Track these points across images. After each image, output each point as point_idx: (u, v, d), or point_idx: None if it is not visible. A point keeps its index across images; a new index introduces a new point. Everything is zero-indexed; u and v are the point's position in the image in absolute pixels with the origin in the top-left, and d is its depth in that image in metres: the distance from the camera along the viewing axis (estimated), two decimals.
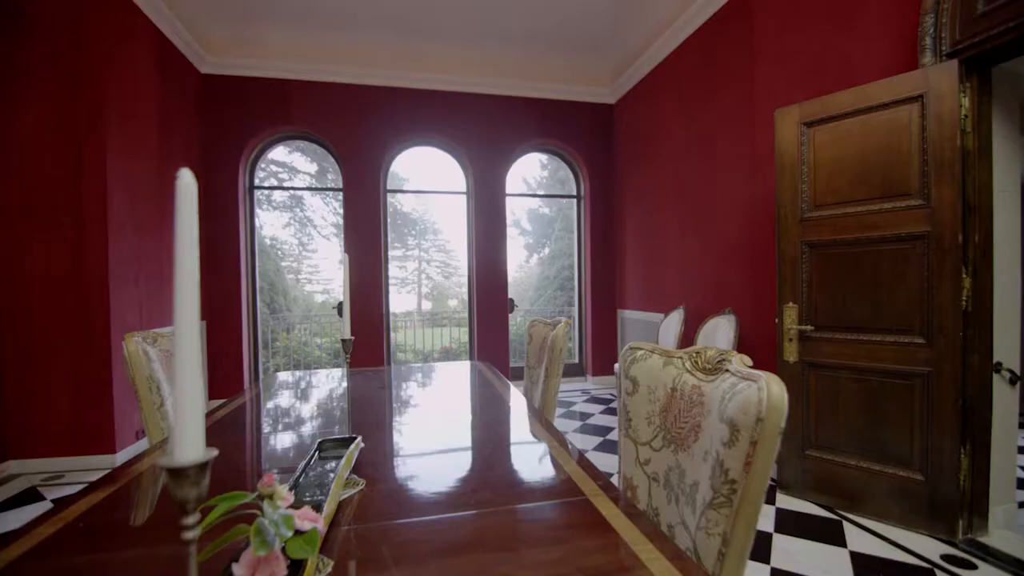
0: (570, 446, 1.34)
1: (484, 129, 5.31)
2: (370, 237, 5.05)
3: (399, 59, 4.91)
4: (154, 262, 3.81)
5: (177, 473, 0.37)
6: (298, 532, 0.69)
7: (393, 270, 6.22)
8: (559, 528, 0.94)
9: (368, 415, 1.83)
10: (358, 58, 4.83)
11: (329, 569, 0.76)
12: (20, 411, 3.12)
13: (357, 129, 4.98)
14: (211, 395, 4.65)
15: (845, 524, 2.36)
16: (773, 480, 2.85)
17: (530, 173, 8.65)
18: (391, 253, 5.39)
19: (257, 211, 5.16)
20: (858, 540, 2.21)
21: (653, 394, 1.10)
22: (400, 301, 9.12)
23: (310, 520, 0.71)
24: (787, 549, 2.14)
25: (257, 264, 5.15)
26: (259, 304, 5.16)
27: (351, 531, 0.90)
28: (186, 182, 0.37)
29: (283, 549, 0.68)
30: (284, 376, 2.63)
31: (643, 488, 1.10)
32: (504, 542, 0.88)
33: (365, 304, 4.97)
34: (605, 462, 3.25)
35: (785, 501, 2.61)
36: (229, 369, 4.74)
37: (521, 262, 9.28)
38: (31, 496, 2.82)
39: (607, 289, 5.75)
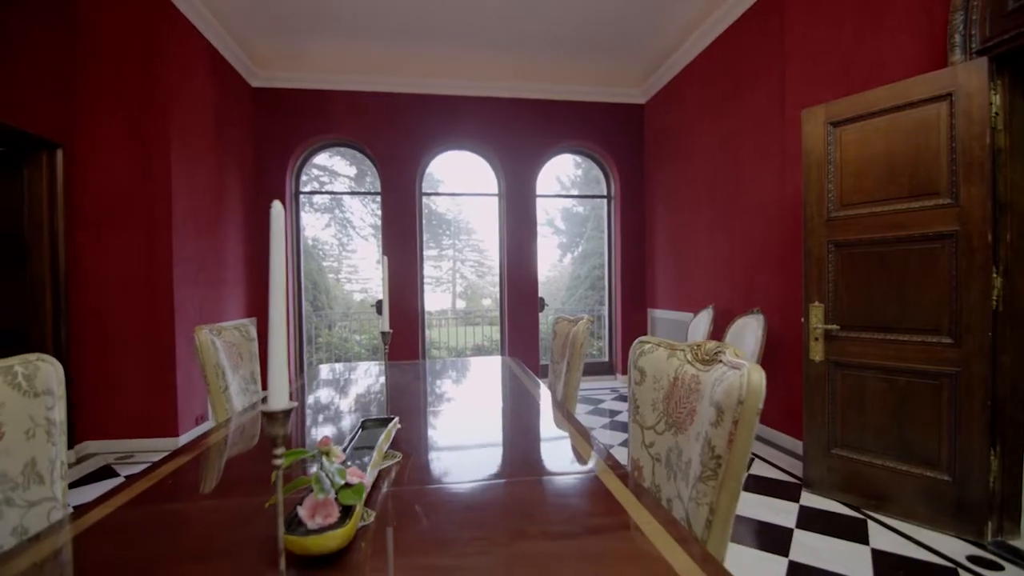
0: (595, 442, 1.44)
1: (514, 132, 5.45)
2: (406, 238, 5.28)
3: (432, 67, 5.10)
4: (211, 262, 4.14)
5: (272, 416, 0.53)
6: (348, 485, 0.85)
7: (428, 269, 6.45)
8: (571, 497, 1.07)
9: (404, 402, 2.01)
10: (393, 67, 5.06)
11: (372, 518, 0.92)
12: (97, 397, 3.49)
13: (394, 135, 5.22)
14: (262, 386, 4.99)
15: (870, 523, 2.37)
16: (798, 478, 2.87)
17: (564, 172, 8.66)
18: (426, 253, 5.62)
19: (300, 213, 5.48)
20: (881, 538, 2.22)
21: (658, 383, 1.21)
22: (435, 300, 9.33)
23: (357, 476, 0.87)
24: (807, 544, 2.18)
25: (303, 264, 5.48)
26: (304, 302, 5.48)
27: (389, 493, 1.06)
28: (277, 212, 0.52)
29: (336, 499, 0.84)
30: (326, 369, 2.86)
31: (648, 468, 1.21)
32: (522, 505, 1.03)
33: (401, 303, 5.21)
34: None
35: (810, 499, 2.62)
36: None
37: (555, 261, 9.31)
38: (106, 472, 3.17)
39: (637, 288, 5.79)
